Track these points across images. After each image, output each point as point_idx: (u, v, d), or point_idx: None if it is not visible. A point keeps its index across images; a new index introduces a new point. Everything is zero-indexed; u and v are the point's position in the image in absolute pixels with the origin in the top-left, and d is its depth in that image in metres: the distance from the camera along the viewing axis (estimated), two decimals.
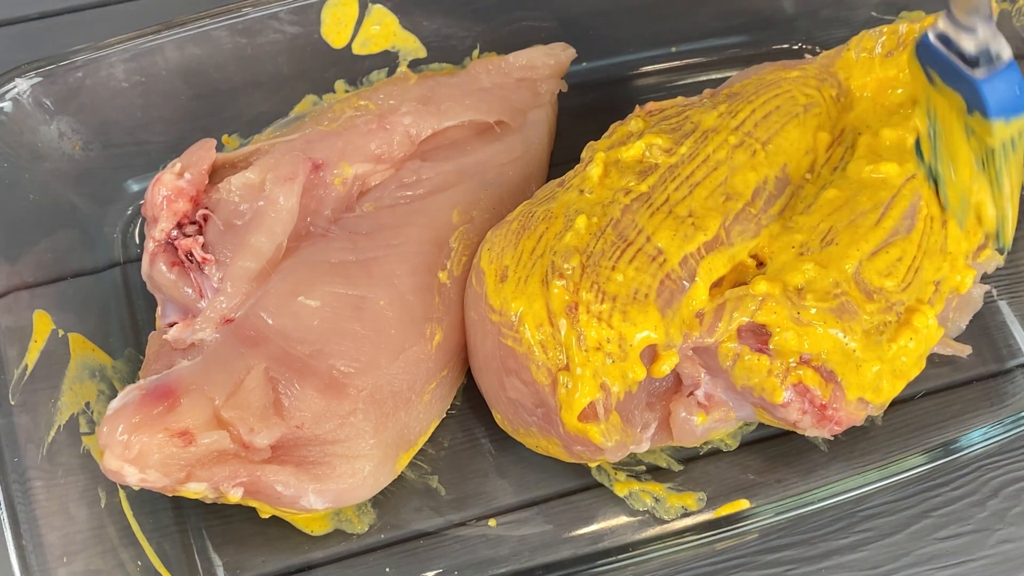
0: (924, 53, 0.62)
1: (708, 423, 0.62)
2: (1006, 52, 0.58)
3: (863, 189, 0.64)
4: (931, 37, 0.60)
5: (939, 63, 0.61)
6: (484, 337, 0.61)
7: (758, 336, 0.60)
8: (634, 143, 0.65)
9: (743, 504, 0.64)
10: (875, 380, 0.60)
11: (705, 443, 0.66)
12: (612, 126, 0.68)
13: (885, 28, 0.71)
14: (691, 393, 0.62)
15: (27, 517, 0.55)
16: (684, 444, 0.64)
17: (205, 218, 0.64)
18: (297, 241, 0.64)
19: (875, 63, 0.71)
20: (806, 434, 0.63)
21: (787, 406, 0.60)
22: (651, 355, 0.60)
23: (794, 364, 0.59)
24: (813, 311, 0.59)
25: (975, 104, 0.59)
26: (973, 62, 0.58)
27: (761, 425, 0.66)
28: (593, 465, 0.65)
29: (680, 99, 0.70)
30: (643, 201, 0.62)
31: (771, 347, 0.59)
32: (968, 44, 0.58)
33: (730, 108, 0.66)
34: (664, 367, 0.59)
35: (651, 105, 0.69)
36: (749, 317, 0.59)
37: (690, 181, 0.62)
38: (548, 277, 0.58)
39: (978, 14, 0.57)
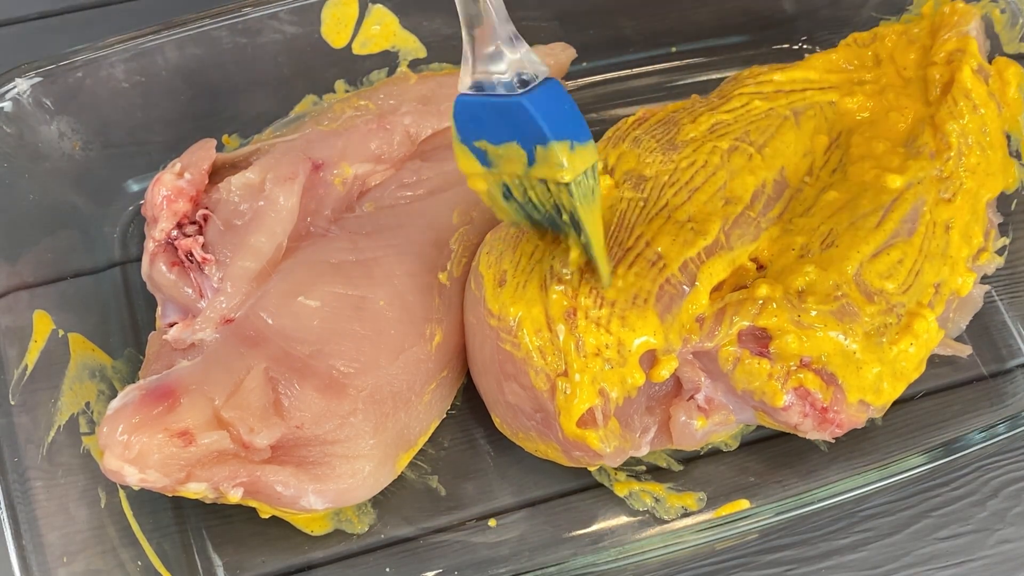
0: (465, 122, 0.54)
1: (708, 427, 0.62)
2: (543, 71, 0.53)
3: (864, 192, 0.64)
4: (465, 91, 0.54)
5: (483, 119, 0.53)
6: (483, 341, 0.61)
7: (758, 340, 0.60)
8: (629, 148, 0.65)
9: (743, 504, 0.64)
10: (876, 382, 0.60)
11: (705, 444, 0.66)
12: (608, 132, 0.68)
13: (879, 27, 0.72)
14: (691, 397, 0.62)
15: (27, 517, 0.55)
16: (684, 448, 0.64)
17: (205, 218, 0.64)
18: (297, 241, 0.64)
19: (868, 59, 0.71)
20: (809, 437, 0.63)
21: (788, 410, 0.60)
22: (650, 360, 0.60)
23: (795, 367, 0.59)
24: (814, 313, 0.59)
25: (533, 138, 0.52)
26: (513, 92, 0.52)
27: (761, 425, 0.66)
28: (593, 468, 0.65)
29: (671, 104, 0.70)
30: (641, 206, 0.62)
31: (772, 351, 0.59)
32: (501, 72, 0.52)
33: (724, 112, 0.66)
34: (663, 372, 0.59)
35: (642, 111, 0.69)
36: (750, 321, 0.59)
37: (688, 186, 0.62)
38: (547, 282, 0.58)
39: (494, 38, 0.52)
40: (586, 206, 0.54)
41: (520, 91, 0.52)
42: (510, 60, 0.52)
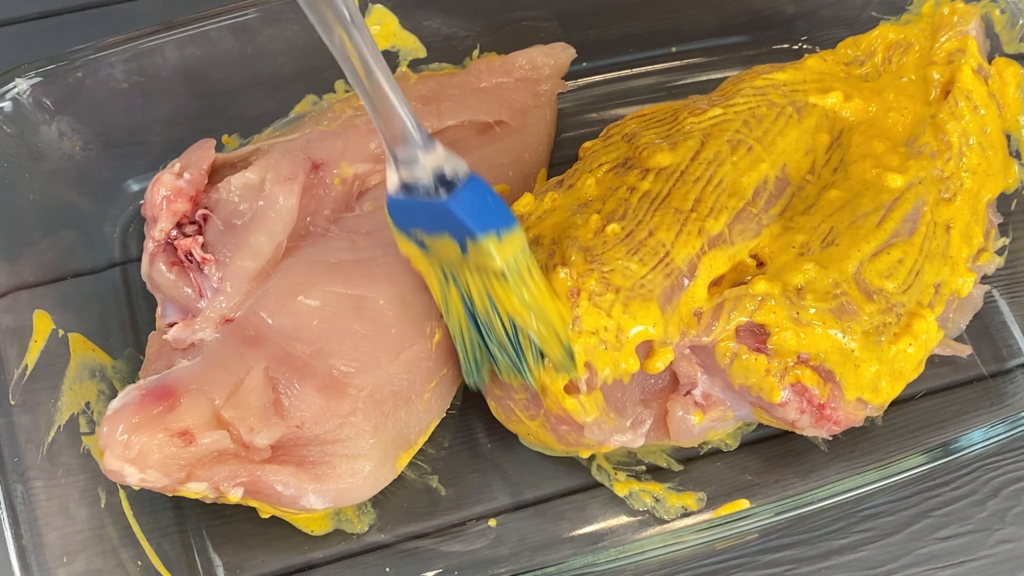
0: (400, 215, 0.57)
1: (705, 423, 0.62)
2: (462, 168, 0.55)
3: (865, 191, 0.64)
4: (394, 194, 0.56)
5: (415, 215, 0.56)
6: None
7: (756, 336, 0.60)
8: (631, 141, 0.65)
9: (743, 504, 0.64)
10: (874, 380, 0.60)
11: (705, 443, 0.66)
12: (607, 128, 0.68)
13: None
14: (688, 392, 0.62)
15: (27, 517, 0.55)
16: (681, 443, 0.64)
17: (205, 218, 0.64)
18: (297, 241, 0.64)
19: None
20: (805, 434, 0.63)
21: (785, 405, 0.60)
22: (647, 350, 0.60)
23: (792, 364, 0.59)
24: (812, 311, 0.59)
25: (461, 233, 0.55)
26: (435, 192, 0.55)
27: (761, 425, 0.66)
28: (585, 455, 0.64)
29: (669, 103, 0.70)
30: (646, 198, 0.62)
31: (769, 347, 0.59)
32: (421, 176, 0.54)
33: (725, 109, 0.66)
34: (659, 364, 0.59)
35: (644, 110, 0.69)
36: (747, 317, 0.59)
37: (691, 179, 0.63)
38: (552, 264, 0.59)
39: (408, 144, 0.54)
40: (522, 287, 0.56)
41: (443, 193, 0.55)
42: (424, 165, 0.54)
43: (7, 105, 0.65)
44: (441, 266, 0.58)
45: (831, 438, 0.65)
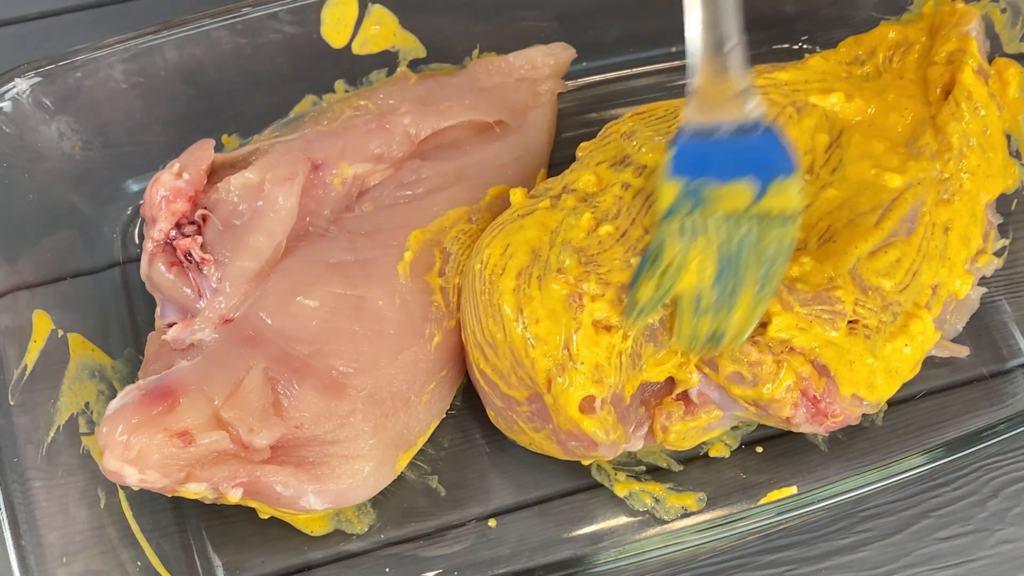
0: (688, 163, 0.56)
1: (689, 431, 0.62)
2: (764, 112, 0.56)
3: (863, 190, 0.64)
4: (687, 139, 0.55)
5: (712, 159, 0.55)
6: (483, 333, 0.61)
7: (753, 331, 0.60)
8: (628, 142, 0.65)
9: (743, 504, 0.64)
10: (869, 377, 0.60)
11: (705, 444, 0.66)
12: (605, 127, 0.68)
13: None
14: (685, 393, 0.62)
15: (27, 517, 0.55)
16: (676, 448, 0.64)
17: (204, 218, 0.64)
18: (296, 241, 0.64)
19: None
20: (802, 431, 0.63)
21: (780, 399, 0.60)
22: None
23: (786, 351, 0.59)
24: (807, 304, 0.59)
25: (775, 171, 0.55)
26: (747, 131, 0.54)
27: (761, 425, 0.66)
28: (587, 462, 0.64)
29: (668, 101, 0.70)
30: (641, 195, 0.62)
31: (765, 340, 0.59)
32: (749, 111, 0.54)
33: None
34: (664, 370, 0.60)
35: (642, 107, 0.69)
36: None
37: None
38: (546, 273, 0.59)
39: (745, 79, 0.54)
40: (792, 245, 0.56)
41: (760, 131, 0.54)
42: (754, 103, 0.54)
43: (7, 105, 0.65)
44: (694, 224, 0.56)
45: (827, 435, 0.65)
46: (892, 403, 0.65)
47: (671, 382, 0.62)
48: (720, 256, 0.56)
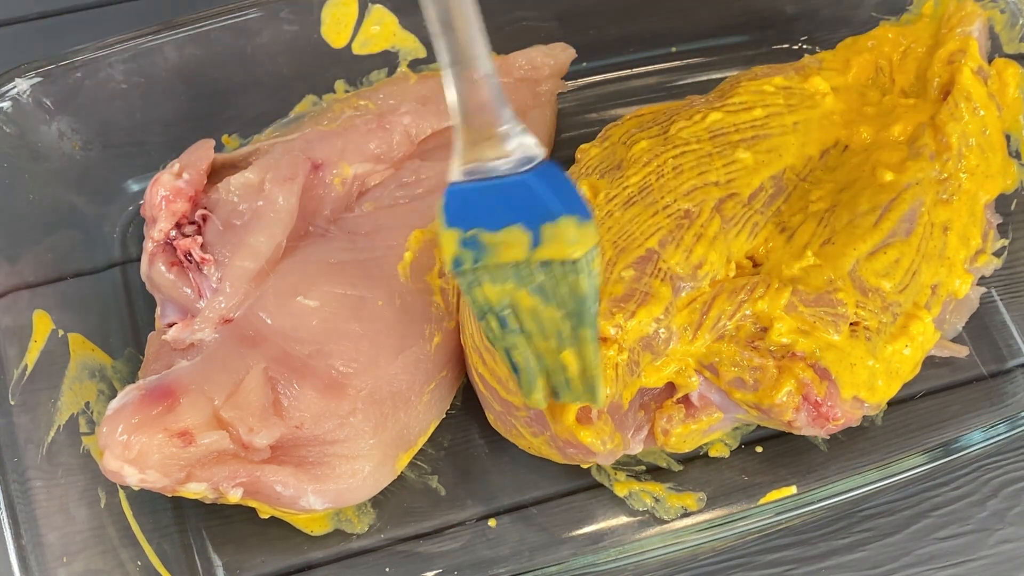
0: (458, 213, 0.50)
1: (688, 434, 0.62)
2: (540, 151, 0.50)
3: (862, 191, 0.64)
4: (457, 179, 0.50)
5: (479, 205, 0.50)
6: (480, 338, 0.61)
7: (753, 334, 0.60)
8: (627, 145, 0.65)
9: (743, 504, 0.64)
10: (870, 379, 0.60)
11: (705, 444, 0.66)
12: (604, 129, 0.68)
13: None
14: (686, 396, 0.62)
15: (27, 517, 0.55)
16: (676, 450, 0.64)
17: (204, 218, 0.64)
18: (296, 241, 0.64)
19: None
20: (803, 433, 0.63)
21: (782, 404, 0.60)
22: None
23: (787, 356, 0.59)
24: (807, 306, 0.59)
25: (540, 217, 0.49)
26: (516, 172, 0.49)
27: (760, 426, 0.66)
28: (586, 466, 0.64)
29: (665, 104, 0.70)
30: (642, 203, 0.62)
31: (765, 344, 0.59)
32: (506, 153, 0.49)
33: (723, 111, 0.66)
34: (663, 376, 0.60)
35: (641, 109, 0.69)
36: (746, 309, 0.59)
37: (687, 181, 0.62)
38: None
39: (502, 122, 0.49)
40: (591, 282, 0.51)
41: (524, 170, 0.49)
42: (517, 141, 0.50)
43: (7, 105, 0.65)
44: (491, 277, 0.52)
45: (830, 437, 0.65)
46: (892, 403, 0.65)
47: (671, 386, 0.62)
48: (520, 309, 0.52)
